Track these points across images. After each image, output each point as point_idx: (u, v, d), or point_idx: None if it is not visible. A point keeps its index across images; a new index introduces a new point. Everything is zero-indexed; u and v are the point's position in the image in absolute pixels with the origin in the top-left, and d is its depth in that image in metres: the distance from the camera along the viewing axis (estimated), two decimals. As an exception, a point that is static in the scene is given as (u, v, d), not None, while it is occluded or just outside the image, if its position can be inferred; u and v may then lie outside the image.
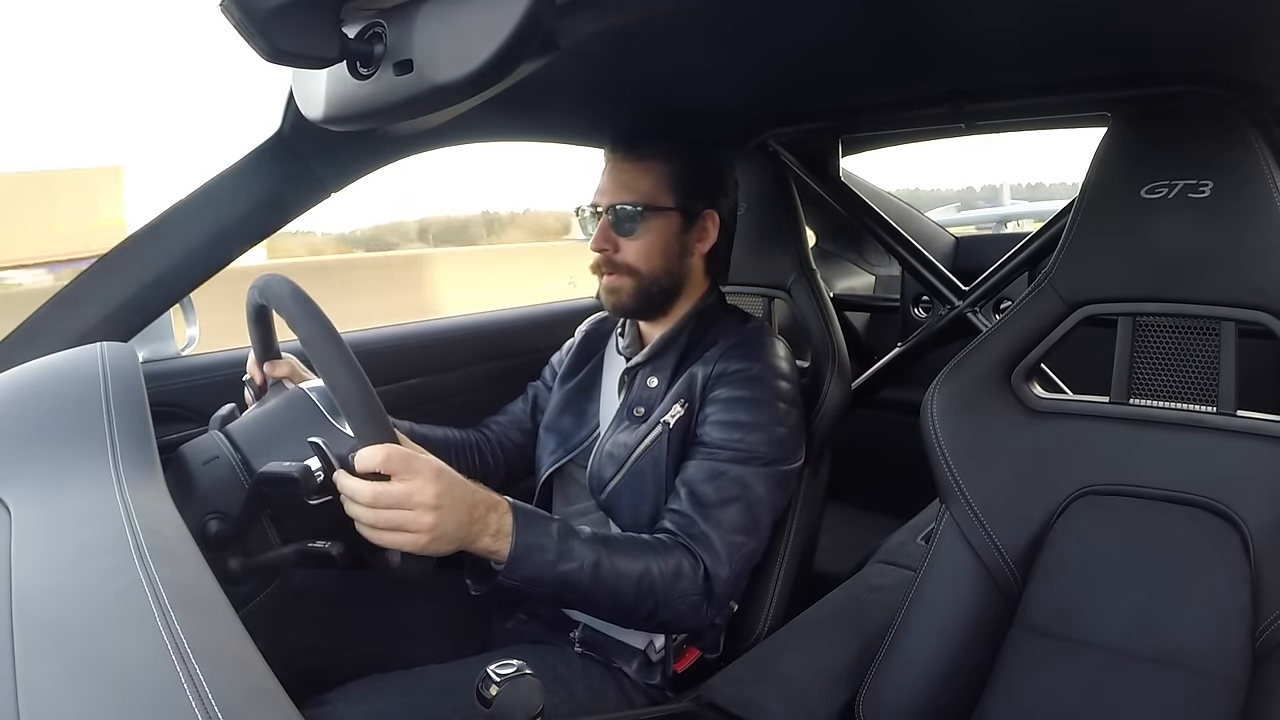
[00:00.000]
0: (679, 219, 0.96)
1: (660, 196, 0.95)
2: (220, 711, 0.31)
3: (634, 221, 0.94)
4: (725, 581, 0.83)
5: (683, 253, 0.97)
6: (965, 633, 0.80)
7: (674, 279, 0.97)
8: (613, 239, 0.94)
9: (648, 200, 0.94)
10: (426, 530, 0.63)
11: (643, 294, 0.96)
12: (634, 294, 0.96)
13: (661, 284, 0.96)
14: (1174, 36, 0.82)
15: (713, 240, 0.99)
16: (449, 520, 0.65)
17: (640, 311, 0.99)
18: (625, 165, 0.96)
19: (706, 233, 0.99)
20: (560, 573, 0.73)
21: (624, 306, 0.97)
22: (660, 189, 0.95)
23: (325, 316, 0.64)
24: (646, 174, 0.95)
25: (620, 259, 0.94)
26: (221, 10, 0.55)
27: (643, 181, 0.94)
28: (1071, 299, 0.82)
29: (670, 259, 0.96)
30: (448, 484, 0.65)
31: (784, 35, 0.81)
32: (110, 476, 0.52)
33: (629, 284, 0.95)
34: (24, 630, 0.37)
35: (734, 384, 0.91)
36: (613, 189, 0.95)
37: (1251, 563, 0.70)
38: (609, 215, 0.94)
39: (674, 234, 0.96)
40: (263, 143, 0.92)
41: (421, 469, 0.64)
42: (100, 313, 0.85)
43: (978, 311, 1.37)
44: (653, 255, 0.95)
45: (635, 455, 0.92)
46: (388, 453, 0.62)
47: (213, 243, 0.89)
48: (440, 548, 0.65)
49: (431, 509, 0.63)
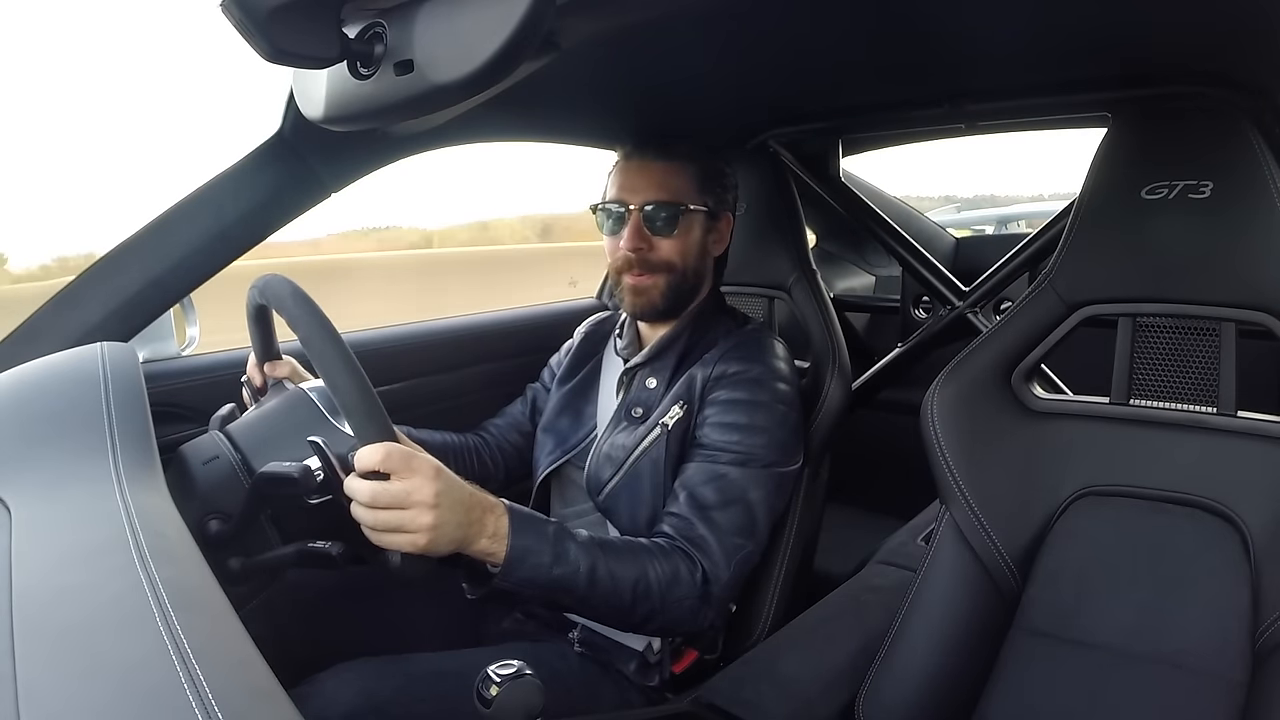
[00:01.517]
0: (704, 220, 0.97)
1: (692, 196, 0.95)
2: (220, 711, 0.31)
3: (671, 220, 0.93)
4: (723, 585, 0.83)
5: (705, 253, 0.98)
6: (965, 633, 0.80)
7: (698, 278, 0.98)
8: (647, 237, 0.94)
9: (683, 199, 0.94)
10: (425, 530, 0.63)
11: (674, 292, 0.96)
12: (666, 293, 0.95)
13: (690, 283, 0.97)
14: (1174, 37, 0.82)
15: (726, 242, 1.01)
16: (447, 520, 0.65)
17: (668, 312, 0.98)
18: (658, 165, 0.95)
19: (722, 235, 1.00)
20: (556, 576, 0.73)
21: (654, 306, 0.96)
22: (691, 189, 0.95)
23: (325, 316, 0.64)
24: (679, 174, 0.95)
25: (657, 257, 0.94)
26: (221, 10, 0.55)
27: (675, 181, 0.95)
28: (1072, 299, 0.82)
29: (696, 259, 0.97)
30: (446, 484, 0.65)
31: (784, 36, 0.81)
32: (110, 476, 0.52)
33: (662, 282, 0.95)
34: (24, 630, 0.37)
35: (733, 386, 0.91)
36: (646, 187, 0.94)
37: (1251, 563, 0.70)
38: (641, 214, 0.94)
39: (702, 234, 0.97)
40: (263, 143, 0.92)
41: (420, 468, 0.64)
42: (101, 312, 0.85)
43: (978, 312, 1.37)
44: (689, 253, 0.95)
45: (633, 457, 0.92)
46: (387, 451, 0.62)
47: (213, 243, 0.89)
48: (438, 548, 0.65)
49: (430, 508, 0.63)
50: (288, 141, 0.91)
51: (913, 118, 1.22)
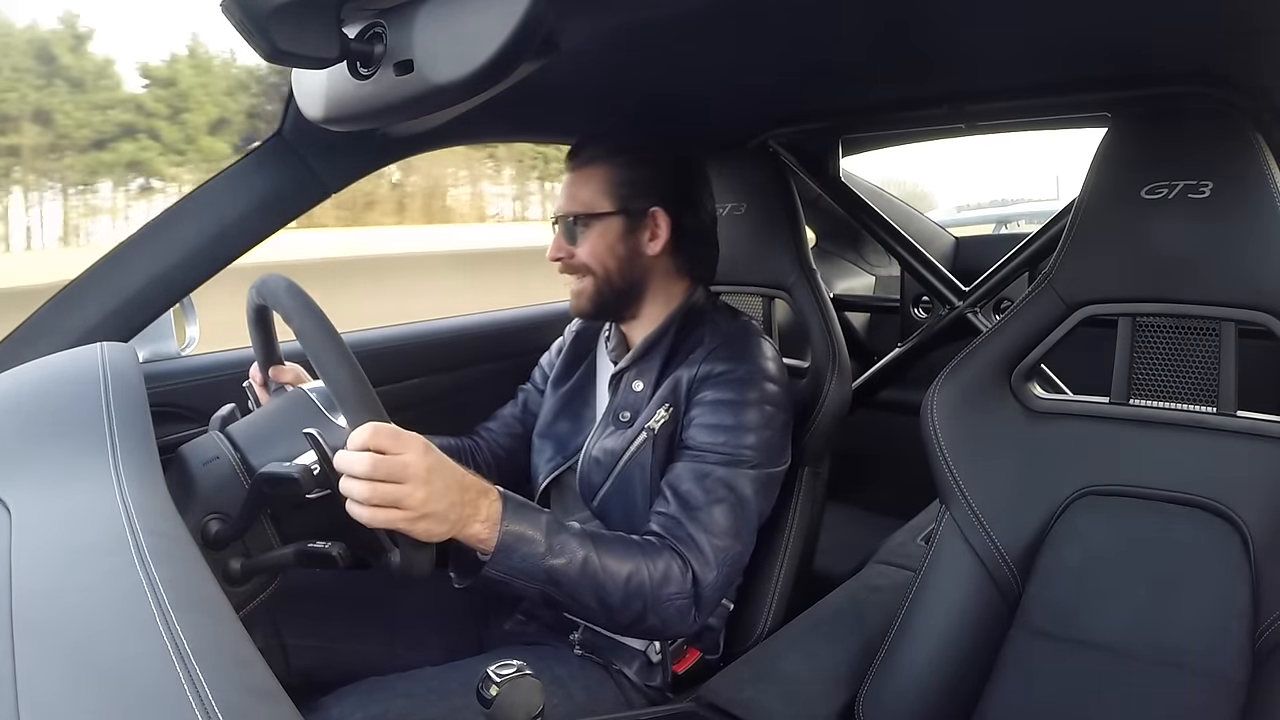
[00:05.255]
0: (621, 221, 0.96)
1: (598, 202, 0.95)
2: (220, 711, 0.32)
3: (575, 230, 0.96)
4: (712, 586, 0.83)
5: (633, 253, 0.96)
6: (965, 633, 0.80)
7: (629, 280, 0.97)
8: (565, 247, 0.97)
9: (586, 208, 0.95)
10: (419, 506, 0.63)
11: (599, 294, 0.97)
12: (592, 295, 0.97)
13: (615, 284, 0.97)
14: (1175, 37, 0.82)
15: (665, 238, 0.96)
16: (440, 499, 0.65)
17: (600, 313, 1.00)
18: (571, 175, 0.98)
19: (658, 231, 0.96)
20: (548, 567, 0.73)
21: (583, 309, 0.98)
22: (598, 195, 0.96)
23: (320, 311, 0.65)
24: (588, 182, 0.96)
25: (576, 260, 0.97)
26: (222, 10, 0.55)
27: (583, 190, 0.96)
28: (1071, 299, 0.82)
29: (620, 260, 0.96)
30: (438, 459, 0.66)
31: (784, 36, 0.81)
32: (110, 476, 0.52)
33: (588, 285, 0.97)
34: (24, 631, 0.37)
35: (719, 386, 0.90)
36: (562, 200, 0.98)
37: (1251, 563, 0.70)
38: (560, 225, 0.97)
39: (618, 236, 0.96)
40: (263, 143, 0.92)
41: (412, 443, 0.64)
42: (101, 312, 0.85)
43: (978, 312, 1.37)
44: (602, 256, 0.96)
45: (622, 462, 0.91)
46: (375, 428, 0.62)
47: (213, 243, 0.89)
48: (433, 527, 0.65)
49: (424, 483, 0.64)
50: (287, 142, 0.91)
51: (913, 118, 1.22)
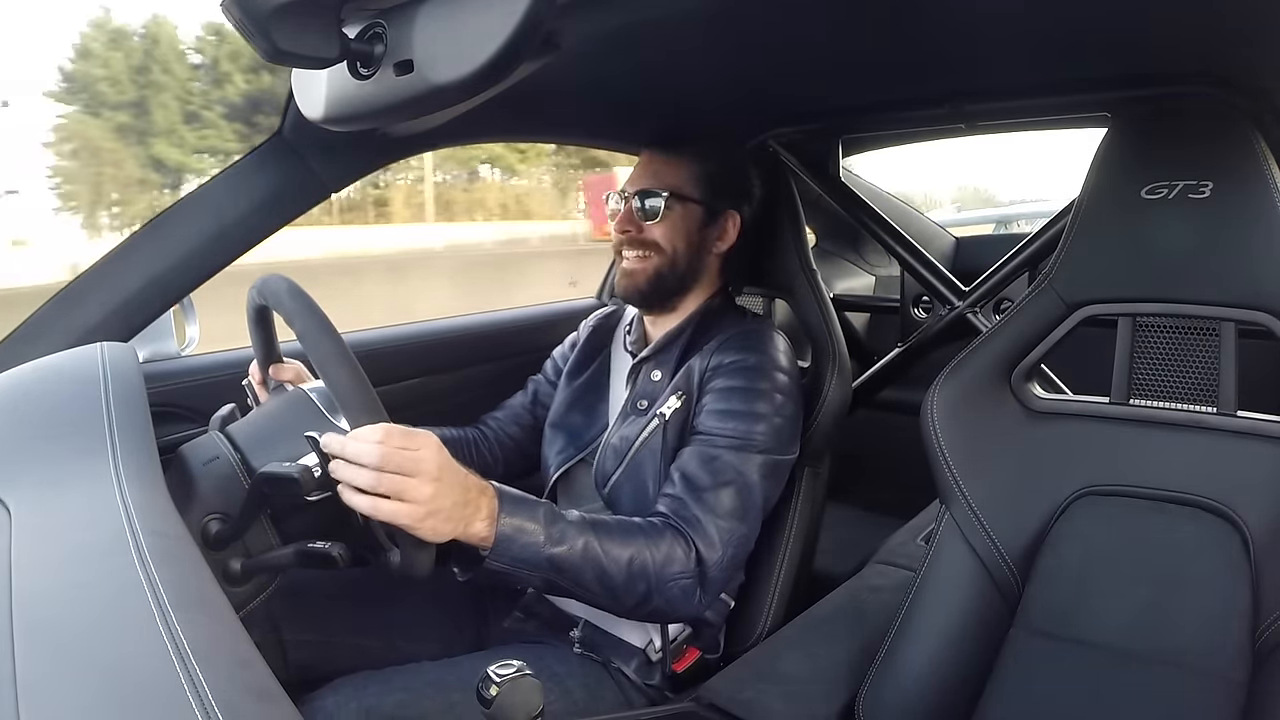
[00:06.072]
0: (701, 212, 0.98)
1: (686, 188, 0.97)
2: (220, 711, 0.32)
3: (657, 206, 0.96)
4: (718, 566, 0.83)
5: (701, 246, 0.99)
6: (965, 633, 0.80)
7: (690, 269, 0.99)
8: (636, 222, 0.97)
9: (673, 188, 0.96)
10: (425, 501, 0.63)
11: (659, 276, 0.97)
12: (652, 276, 0.97)
13: (679, 269, 0.98)
14: (1175, 37, 0.82)
15: (732, 240, 1.01)
16: (446, 496, 0.65)
17: (651, 298, 1.00)
18: (658, 158, 0.99)
19: (726, 232, 1.01)
20: (549, 555, 0.73)
21: (638, 289, 0.98)
22: (687, 181, 0.97)
23: (322, 311, 0.65)
24: (678, 167, 0.98)
25: (644, 236, 0.97)
26: (222, 10, 0.55)
27: (671, 174, 0.98)
28: (1071, 299, 0.82)
29: (690, 248, 0.98)
30: (447, 459, 0.66)
31: (784, 36, 0.81)
32: (110, 476, 0.52)
33: (650, 264, 0.97)
34: (24, 631, 0.37)
35: (730, 374, 0.92)
36: (642, 178, 0.98)
37: (1252, 563, 0.70)
38: (635, 200, 0.97)
39: (695, 225, 0.98)
40: (263, 143, 0.92)
41: (426, 441, 0.65)
42: (101, 312, 0.85)
43: (978, 312, 1.37)
44: (675, 239, 0.97)
45: (634, 448, 0.93)
46: (387, 429, 0.63)
47: (213, 243, 0.89)
48: (435, 525, 0.65)
49: (433, 479, 0.64)
50: (287, 141, 0.91)
51: (913, 118, 1.22)
